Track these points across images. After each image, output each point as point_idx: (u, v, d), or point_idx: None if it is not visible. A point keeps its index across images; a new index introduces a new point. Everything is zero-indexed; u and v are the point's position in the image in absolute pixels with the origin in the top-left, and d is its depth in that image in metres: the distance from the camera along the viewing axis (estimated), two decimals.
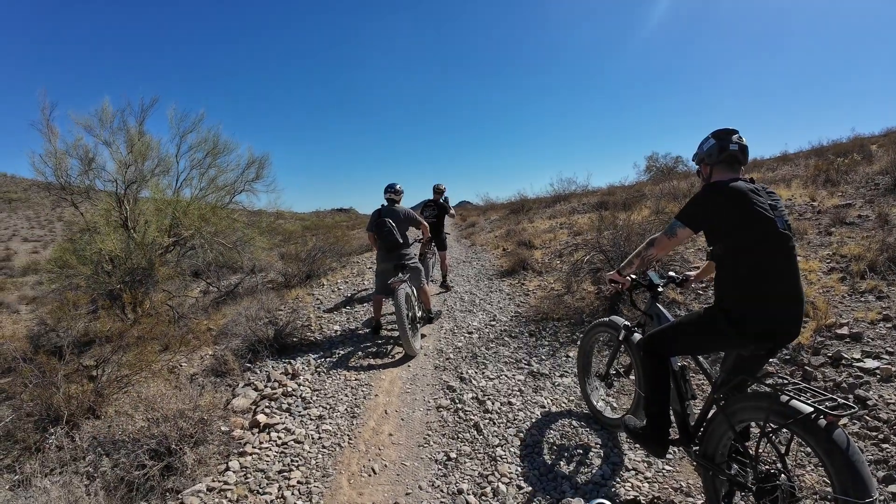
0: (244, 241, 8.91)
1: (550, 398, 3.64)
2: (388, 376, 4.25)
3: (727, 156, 2.14)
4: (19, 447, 3.15)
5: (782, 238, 1.95)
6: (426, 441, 3.20)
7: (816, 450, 1.70)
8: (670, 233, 2.17)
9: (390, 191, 5.34)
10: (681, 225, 2.12)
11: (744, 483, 2.01)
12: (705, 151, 2.20)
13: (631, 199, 12.30)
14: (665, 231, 2.20)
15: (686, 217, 2.12)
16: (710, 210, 2.05)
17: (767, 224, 1.94)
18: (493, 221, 18.34)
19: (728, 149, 2.13)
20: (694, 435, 2.31)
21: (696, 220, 2.10)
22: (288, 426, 3.44)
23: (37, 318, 7.66)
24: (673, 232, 2.16)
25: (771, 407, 1.83)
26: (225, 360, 4.50)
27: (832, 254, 5.18)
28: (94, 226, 7.10)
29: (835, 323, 3.77)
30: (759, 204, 1.96)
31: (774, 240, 1.95)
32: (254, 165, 9.88)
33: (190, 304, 7.70)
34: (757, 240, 1.95)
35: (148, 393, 3.47)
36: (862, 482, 1.59)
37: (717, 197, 2.03)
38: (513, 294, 6.80)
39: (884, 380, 3.06)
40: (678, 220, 2.14)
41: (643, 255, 2.34)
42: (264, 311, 5.75)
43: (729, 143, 2.13)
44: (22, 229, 26.35)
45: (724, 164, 2.16)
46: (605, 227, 6.74)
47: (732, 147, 2.12)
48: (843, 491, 1.61)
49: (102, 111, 7.94)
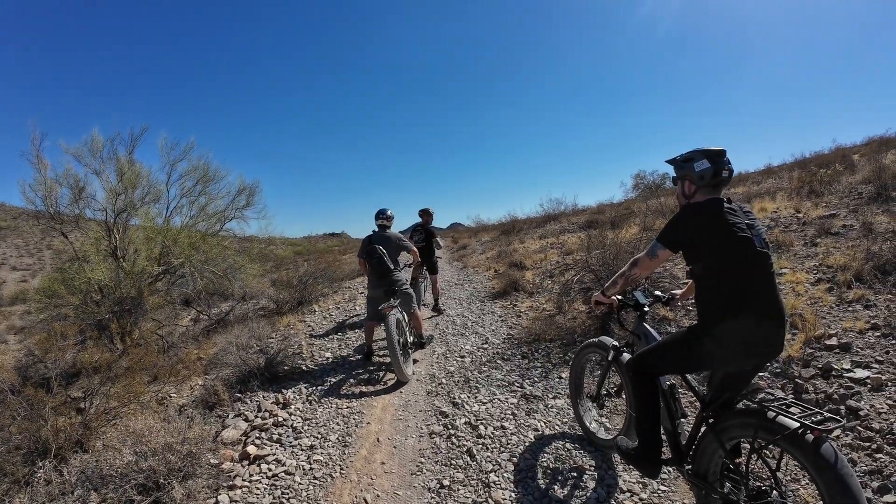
0: (235, 268, 8.87)
1: (544, 421, 3.61)
2: (380, 403, 4.21)
3: (718, 181, 2.14)
4: (8, 481, 3.07)
5: (760, 256, 1.97)
6: (419, 469, 3.15)
7: (805, 464, 1.71)
8: (651, 254, 2.19)
9: (381, 216, 5.37)
10: (661, 246, 2.15)
11: (736, 501, 2.01)
12: (697, 172, 2.15)
13: (619, 218, 12.42)
14: (647, 252, 2.22)
15: (665, 239, 2.14)
16: (689, 231, 2.07)
17: (745, 243, 1.96)
18: (484, 243, 18.40)
19: (721, 174, 2.12)
20: (686, 454, 2.30)
21: (676, 240, 2.12)
22: (279, 457, 3.38)
23: (25, 349, 7.53)
24: (654, 253, 2.18)
25: (758, 423, 1.85)
26: (215, 391, 4.43)
27: (818, 265, 5.24)
28: (84, 255, 7.06)
29: (823, 334, 3.80)
30: (736, 224, 1.98)
31: (753, 258, 1.96)
32: (244, 192, 9.90)
33: (180, 333, 7.61)
34: (735, 259, 1.96)
35: (136, 426, 3.41)
36: (851, 495, 1.60)
37: (696, 217, 2.06)
38: (505, 316, 6.79)
39: (874, 389, 3.07)
40: (658, 242, 2.16)
41: (627, 275, 2.35)
42: (255, 340, 5.70)
43: (723, 168, 2.12)
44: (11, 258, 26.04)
45: (711, 187, 2.16)
46: (593, 247, 6.78)
47: (724, 174, 2.13)
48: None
49: (92, 141, 7.98)
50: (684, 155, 2.25)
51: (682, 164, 2.24)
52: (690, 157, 2.21)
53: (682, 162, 2.24)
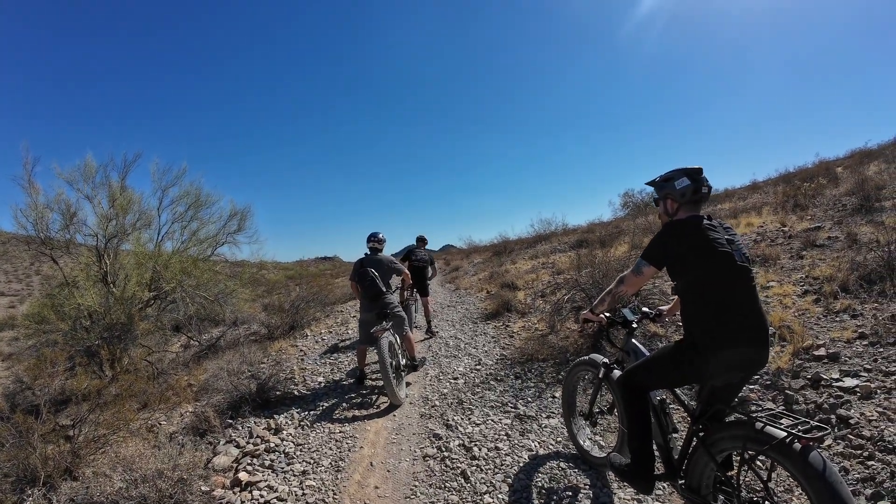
0: (226, 293, 8.82)
1: (538, 440, 3.59)
2: (373, 427, 4.17)
3: (699, 197, 2.22)
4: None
5: (742, 271, 2.02)
6: (413, 492, 3.12)
7: (794, 473, 1.73)
8: (637, 271, 2.25)
9: (373, 240, 5.41)
10: (646, 263, 2.20)
11: None
12: (678, 190, 2.22)
13: (609, 236, 12.54)
14: (632, 269, 2.28)
15: (650, 256, 2.20)
16: (671, 247, 2.12)
17: (726, 258, 2.02)
18: (476, 264, 18.46)
19: (701, 191, 2.20)
20: (679, 468, 2.32)
21: (660, 257, 2.18)
22: (271, 483, 3.32)
23: (13, 376, 7.39)
24: (639, 270, 2.23)
25: (747, 435, 1.88)
26: (206, 417, 4.37)
27: (805, 276, 5.32)
28: (74, 280, 7.00)
29: (812, 345, 3.84)
30: (716, 240, 2.04)
31: (734, 273, 2.01)
32: (236, 217, 9.90)
33: (170, 360, 7.52)
34: (717, 274, 2.02)
35: (126, 453, 3.36)
36: (841, 502, 1.61)
37: (679, 234, 2.11)
38: (497, 337, 6.79)
39: (864, 397, 3.10)
40: (643, 259, 2.22)
41: (614, 292, 2.41)
42: (246, 365, 5.65)
43: (702, 185, 2.20)
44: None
45: (692, 203, 2.23)
46: (583, 266, 6.84)
47: (704, 190, 2.21)
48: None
49: (86, 166, 7.99)
50: (664, 175, 2.33)
51: (664, 183, 2.31)
52: (671, 176, 2.28)
53: (664, 181, 2.31)
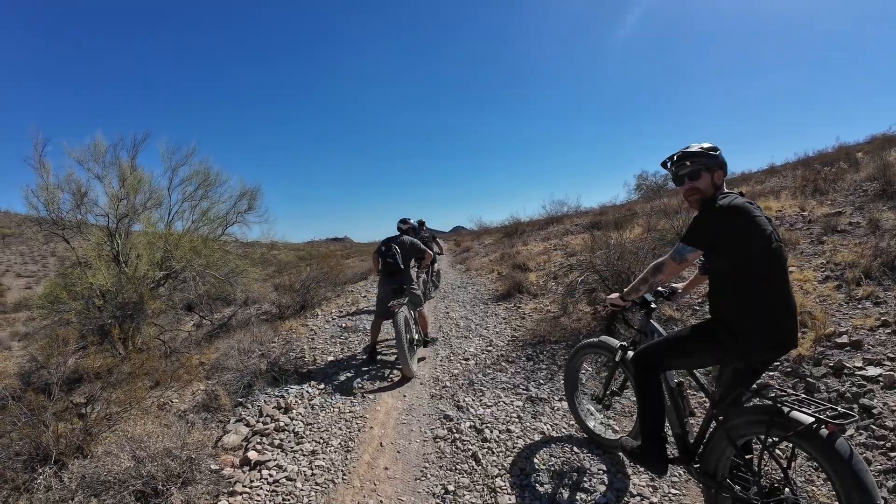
0: (237, 272, 8.84)
1: (550, 423, 3.54)
2: (383, 407, 4.15)
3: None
4: (8, 487, 3.04)
5: (778, 251, 1.98)
6: (423, 474, 3.09)
7: (819, 460, 1.70)
8: (680, 258, 2.10)
9: (402, 222, 5.97)
10: (690, 249, 2.06)
11: (747, 499, 1.99)
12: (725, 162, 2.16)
13: (623, 218, 12.36)
14: (672, 257, 2.13)
15: (695, 239, 2.05)
16: (721, 227, 1.99)
17: (768, 239, 1.96)
18: (487, 246, 18.35)
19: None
20: (694, 452, 2.29)
21: (708, 239, 2.04)
22: (280, 463, 3.32)
23: (28, 355, 7.52)
24: (683, 257, 2.09)
25: (772, 420, 1.83)
26: (216, 396, 4.38)
27: (826, 262, 5.18)
28: (86, 260, 7.05)
29: (834, 332, 3.73)
30: (762, 220, 1.98)
31: (775, 255, 1.97)
32: (246, 197, 9.90)
33: (183, 339, 7.58)
34: (758, 254, 1.96)
35: (135, 431, 3.37)
36: (867, 491, 1.59)
37: (732, 216, 1.98)
38: (509, 318, 6.73)
39: (887, 387, 3.01)
40: (687, 245, 2.06)
41: (651, 282, 2.27)
42: (257, 344, 5.65)
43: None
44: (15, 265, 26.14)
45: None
46: (597, 247, 6.72)
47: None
48: (849, 500, 1.61)
49: (95, 145, 8.00)
50: (704, 147, 2.18)
51: (712, 153, 2.15)
52: (714, 147, 2.17)
53: (712, 151, 2.15)
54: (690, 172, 2.17)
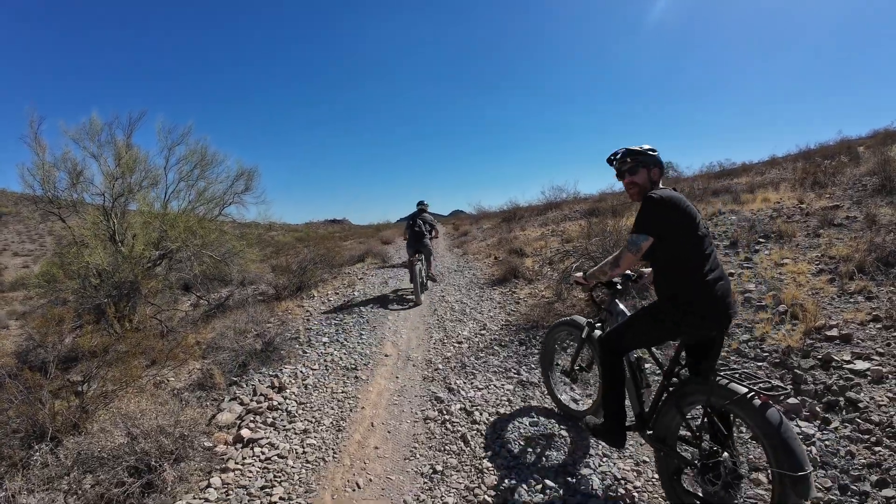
0: (233, 252, 8.84)
1: (539, 407, 3.59)
2: (375, 388, 4.19)
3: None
4: (5, 463, 3.08)
5: (708, 238, 2.23)
6: (412, 454, 3.14)
7: (752, 427, 1.89)
8: (635, 249, 2.26)
9: (420, 204, 8.61)
10: (644, 237, 2.22)
11: (690, 461, 2.22)
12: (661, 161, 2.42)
13: (621, 206, 12.34)
14: (628, 248, 2.29)
15: (646, 228, 2.23)
16: (664, 216, 2.19)
17: (700, 227, 2.19)
18: (485, 230, 18.32)
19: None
20: (648, 420, 2.48)
21: (655, 227, 2.21)
22: (272, 441, 3.37)
23: (25, 334, 7.55)
24: (638, 247, 2.25)
25: (711, 390, 2.06)
26: (211, 375, 4.42)
27: (821, 255, 5.19)
28: (82, 239, 7.04)
29: (824, 325, 3.76)
30: (689, 209, 2.20)
31: (707, 240, 2.20)
32: (243, 177, 9.85)
33: (179, 318, 7.62)
34: (696, 241, 2.17)
35: (128, 408, 3.40)
36: (795, 456, 1.77)
37: (668, 205, 2.19)
38: (503, 303, 6.76)
39: (875, 381, 3.04)
40: (639, 234, 2.23)
41: (609, 273, 2.52)
42: (253, 324, 5.69)
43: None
44: (13, 244, 26.13)
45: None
46: (594, 234, 6.73)
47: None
48: (779, 465, 1.78)
49: (91, 124, 7.94)
50: (644, 147, 2.44)
51: (651, 153, 2.41)
52: (652, 148, 2.43)
53: (651, 151, 2.42)
54: (630, 168, 2.43)
